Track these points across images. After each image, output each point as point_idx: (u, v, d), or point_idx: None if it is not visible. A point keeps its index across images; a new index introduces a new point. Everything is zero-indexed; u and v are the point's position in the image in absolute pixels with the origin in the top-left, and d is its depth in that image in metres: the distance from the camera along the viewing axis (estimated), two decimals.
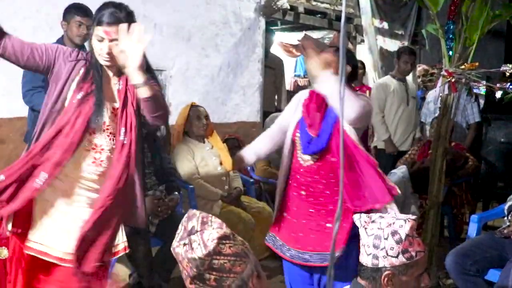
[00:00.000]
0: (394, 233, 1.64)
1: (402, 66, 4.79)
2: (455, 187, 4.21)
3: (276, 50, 7.85)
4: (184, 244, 1.35)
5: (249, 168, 4.40)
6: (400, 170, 4.17)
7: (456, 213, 4.17)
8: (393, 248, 1.64)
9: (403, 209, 4.02)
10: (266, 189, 4.19)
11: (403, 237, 1.64)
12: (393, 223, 1.66)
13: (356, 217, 1.76)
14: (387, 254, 1.64)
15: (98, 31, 2.01)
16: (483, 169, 5.26)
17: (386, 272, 1.65)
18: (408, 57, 4.79)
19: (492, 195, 5.37)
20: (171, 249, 1.40)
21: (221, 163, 3.78)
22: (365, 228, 1.71)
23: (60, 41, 3.31)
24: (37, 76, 3.17)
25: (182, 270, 1.37)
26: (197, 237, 1.34)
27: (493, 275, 2.83)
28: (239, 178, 3.87)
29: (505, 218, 2.98)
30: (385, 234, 1.65)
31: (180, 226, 1.41)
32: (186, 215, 1.42)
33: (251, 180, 4.11)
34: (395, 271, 1.65)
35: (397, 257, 1.64)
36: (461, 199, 4.21)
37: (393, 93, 4.77)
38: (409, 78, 5.05)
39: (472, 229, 3.31)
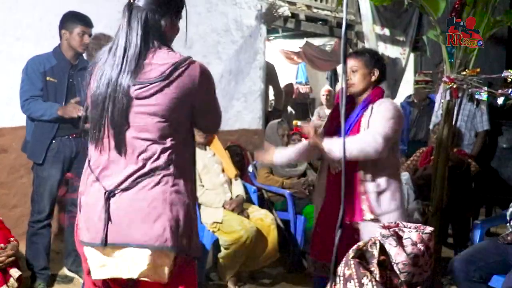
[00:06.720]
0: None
1: None
2: (458, 193, 4.19)
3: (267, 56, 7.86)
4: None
5: (251, 175, 4.40)
6: (403, 177, 4.16)
7: (459, 219, 4.16)
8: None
9: (406, 216, 4.01)
10: (269, 197, 4.17)
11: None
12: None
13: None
14: None
15: None
16: (485, 175, 5.24)
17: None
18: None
19: (495, 201, 5.35)
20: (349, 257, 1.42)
21: (223, 170, 3.78)
22: None
23: (58, 50, 3.30)
24: (35, 85, 3.18)
25: None
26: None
27: (496, 281, 2.82)
28: (241, 185, 3.87)
29: (508, 224, 2.98)
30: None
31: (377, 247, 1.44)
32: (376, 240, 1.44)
33: (254, 187, 4.10)
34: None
35: None
36: (463, 205, 4.19)
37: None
38: None
39: (475, 236, 3.30)
